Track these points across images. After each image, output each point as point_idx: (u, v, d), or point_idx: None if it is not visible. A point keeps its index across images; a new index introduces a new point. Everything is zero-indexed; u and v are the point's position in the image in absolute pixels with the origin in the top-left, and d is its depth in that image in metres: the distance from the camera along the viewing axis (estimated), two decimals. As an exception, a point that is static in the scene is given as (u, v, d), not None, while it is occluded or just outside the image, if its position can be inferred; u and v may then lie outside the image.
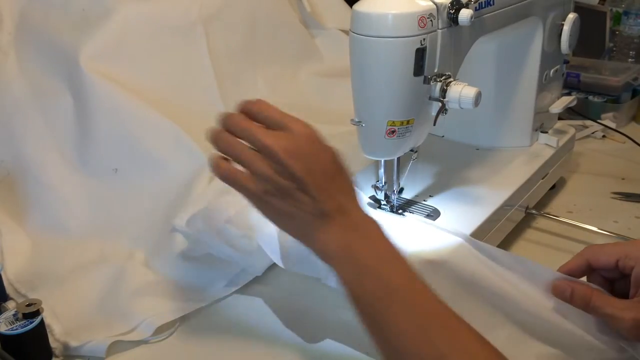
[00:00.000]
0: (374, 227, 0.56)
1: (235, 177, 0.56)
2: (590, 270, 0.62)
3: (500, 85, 0.89)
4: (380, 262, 0.54)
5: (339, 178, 0.56)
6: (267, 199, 0.55)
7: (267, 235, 0.73)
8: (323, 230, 0.55)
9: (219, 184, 0.85)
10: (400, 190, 0.76)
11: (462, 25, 0.67)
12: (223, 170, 0.57)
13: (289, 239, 0.72)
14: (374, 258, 0.54)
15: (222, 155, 0.57)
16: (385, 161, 0.75)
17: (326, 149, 0.56)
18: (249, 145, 0.55)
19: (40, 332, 0.63)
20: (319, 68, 1.27)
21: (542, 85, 0.90)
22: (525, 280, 0.63)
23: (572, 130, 0.98)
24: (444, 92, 0.68)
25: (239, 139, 0.56)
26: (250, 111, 0.57)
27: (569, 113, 1.12)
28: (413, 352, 0.50)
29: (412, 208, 0.77)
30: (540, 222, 0.88)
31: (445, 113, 0.70)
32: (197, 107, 1.05)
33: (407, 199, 0.79)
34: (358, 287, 0.53)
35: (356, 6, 0.66)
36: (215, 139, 0.57)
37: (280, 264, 0.71)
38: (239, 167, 0.56)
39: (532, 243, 0.85)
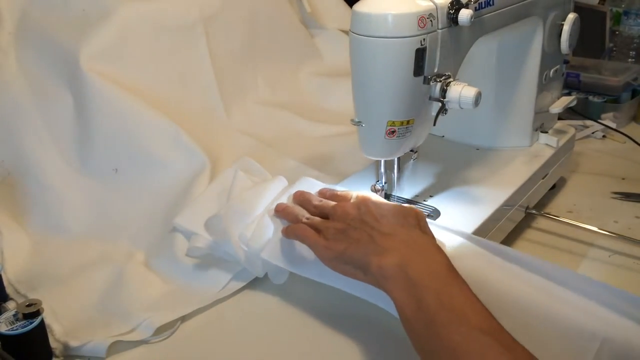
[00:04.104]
0: (432, 244, 0.60)
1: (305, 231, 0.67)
2: None
3: (500, 85, 0.89)
4: (438, 279, 0.55)
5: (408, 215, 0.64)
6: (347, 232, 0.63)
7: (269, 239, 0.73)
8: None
9: (219, 184, 0.87)
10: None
11: (462, 25, 0.67)
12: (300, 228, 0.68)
13: (287, 243, 0.72)
14: (431, 276, 0.55)
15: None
16: (385, 161, 0.75)
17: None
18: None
19: (41, 333, 0.63)
20: (318, 68, 1.27)
21: (542, 85, 0.90)
22: (535, 275, 0.63)
23: (572, 130, 0.98)
24: (443, 92, 0.68)
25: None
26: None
27: (569, 113, 1.12)
28: None
29: (412, 208, 0.77)
30: (541, 222, 0.88)
31: (445, 113, 0.70)
32: (197, 107, 1.05)
33: (407, 199, 0.79)
34: (414, 304, 0.54)
35: (356, 6, 0.66)
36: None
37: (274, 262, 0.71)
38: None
39: (532, 243, 0.85)
